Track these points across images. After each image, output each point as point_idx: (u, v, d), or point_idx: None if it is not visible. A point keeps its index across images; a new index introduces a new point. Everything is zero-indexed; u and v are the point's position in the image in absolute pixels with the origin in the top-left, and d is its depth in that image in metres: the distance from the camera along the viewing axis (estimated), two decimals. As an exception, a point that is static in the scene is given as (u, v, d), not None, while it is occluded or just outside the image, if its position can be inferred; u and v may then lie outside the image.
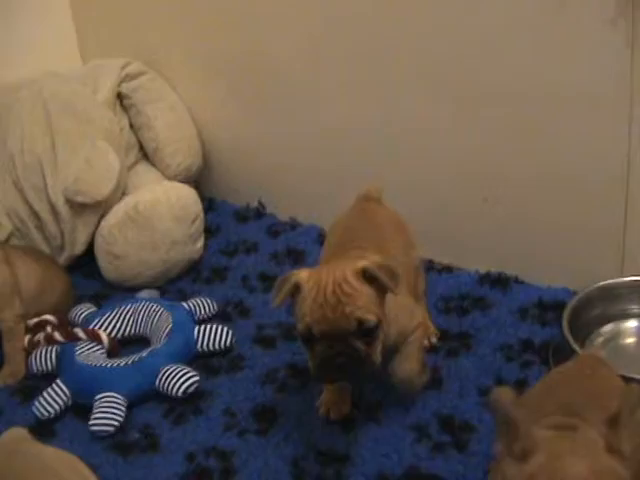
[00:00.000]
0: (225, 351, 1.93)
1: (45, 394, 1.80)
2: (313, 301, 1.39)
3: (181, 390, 1.75)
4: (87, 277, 2.37)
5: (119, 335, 2.00)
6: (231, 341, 1.92)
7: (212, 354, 1.92)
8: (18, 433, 1.46)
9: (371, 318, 1.40)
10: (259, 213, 2.59)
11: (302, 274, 1.45)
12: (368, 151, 2.25)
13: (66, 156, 2.29)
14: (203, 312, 2.03)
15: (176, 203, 2.23)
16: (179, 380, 1.76)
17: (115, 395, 1.74)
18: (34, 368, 1.93)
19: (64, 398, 1.80)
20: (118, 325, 2.01)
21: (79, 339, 1.92)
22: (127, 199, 2.26)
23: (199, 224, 2.30)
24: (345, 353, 1.39)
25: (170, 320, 1.92)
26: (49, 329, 1.98)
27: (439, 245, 2.20)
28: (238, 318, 2.07)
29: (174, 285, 2.26)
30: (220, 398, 1.80)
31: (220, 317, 2.05)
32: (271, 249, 2.38)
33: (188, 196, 2.28)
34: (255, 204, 2.62)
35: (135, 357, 1.83)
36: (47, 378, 1.92)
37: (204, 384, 1.81)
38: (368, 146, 2.25)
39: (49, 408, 1.78)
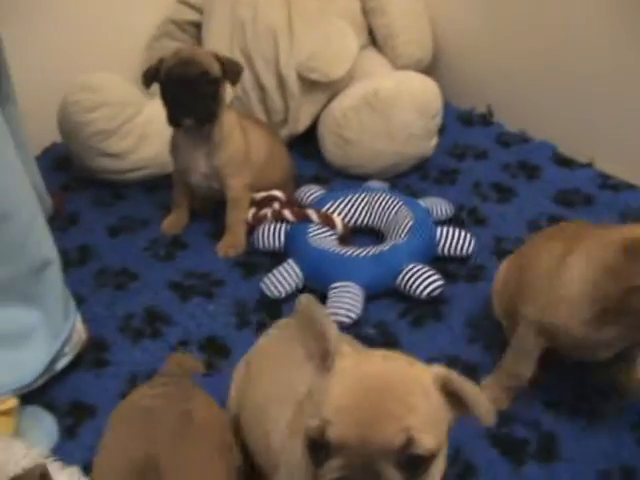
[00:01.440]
0: (464, 258, 1.78)
1: (276, 273, 1.71)
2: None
3: (425, 292, 1.63)
4: (305, 157, 2.26)
5: (350, 223, 1.87)
6: (473, 249, 1.77)
7: (450, 259, 1.78)
8: None
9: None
10: (485, 120, 2.42)
11: None
12: (611, 76, 2.06)
13: (304, 31, 2.16)
14: (439, 213, 1.88)
15: (419, 95, 2.07)
16: (424, 281, 1.64)
17: (353, 286, 1.64)
18: (260, 244, 1.84)
19: (296, 280, 1.70)
20: (351, 213, 1.89)
21: (310, 221, 1.81)
22: (367, 83, 2.11)
23: (438, 121, 2.14)
24: None
25: (411, 217, 1.78)
26: (277, 205, 1.88)
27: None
28: (473, 225, 1.93)
29: (401, 180, 2.13)
30: (460, 306, 1.68)
31: (454, 221, 1.90)
32: (502, 159, 2.22)
33: (432, 90, 2.12)
34: (480, 109, 2.44)
35: (375, 249, 1.71)
36: (270, 255, 1.84)
37: (443, 289, 1.67)
38: (612, 71, 2.05)
39: (280, 287, 1.68)
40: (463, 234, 1.77)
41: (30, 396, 1.51)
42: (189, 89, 1.73)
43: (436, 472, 0.84)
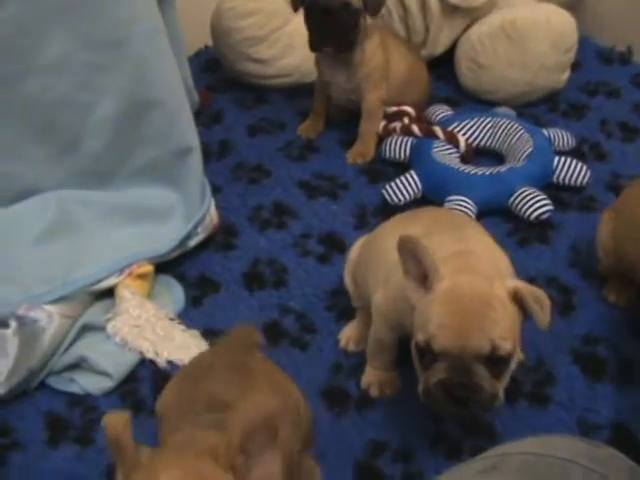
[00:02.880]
0: (578, 189, 1.85)
1: (397, 181, 1.83)
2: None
3: (534, 214, 1.71)
4: (440, 79, 2.34)
5: (474, 144, 1.96)
6: (588, 180, 1.83)
7: (564, 188, 1.85)
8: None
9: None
10: (624, 59, 2.42)
11: None
12: None
13: (450, -47, 2.21)
14: (560, 144, 1.94)
15: (555, 28, 2.11)
16: (535, 204, 1.72)
17: (467, 200, 1.74)
18: (386, 154, 1.96)
19: (415, 190, 1.82)
20: (475, 134, 1.97)
21: (436, 137, 1.91)
22: (505, 11, 2.17)
23: (571, 55, 2.18)
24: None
25: (531, 143, 1.86)
26: (406, 120, 1.99)
27: None
28: (593, 160, 1.98)
29: (529, 109, 2.18)
30: (567, 233, 1.75)
31: (574, 154, 1.96)
32: (634, 99, 2.23)
33: (568, 23, 2.14)
34: (621, 48, 2.44)
35: (493, 169, 1.81)
36: (395, 166, 1.96)
37: (552, 215, 1.75)
38: None
39: (399, 195, 1.80)
40: (580, 165, 1.83)
41: (164, 267, 1.69)
42: (330, 19, 1.84)
43: (513, 364, 1.12)
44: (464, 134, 1.95)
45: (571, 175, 1.82)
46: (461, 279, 1.11)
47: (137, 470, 0.81)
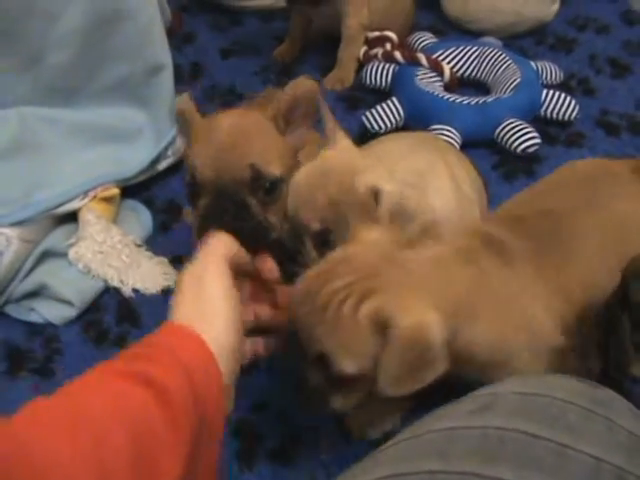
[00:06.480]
0: (566, 123, 1.78)
1: (379, 108, 1.74)
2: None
3: (521, 147, 1.64)
4: (424, 7, 2.23)
5: (458, 73, 1.88)
6: (575, 115, 1.76)
7: (552, 122, 1.78)
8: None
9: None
10: (613, -5, 2.33)
11: None
12: None
13: None
14: (548, 78, 1.87)
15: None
16: (522, 137, 1.65)
17: (451, 130, 1.66)
18: (367, 80, 1.87)
19: (397, 117, 1.74)
20: (461, 63, 1.89)
21: (420, 64, 1.82)
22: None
23: (560, -14, 2.09)
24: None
25: (518, 75, 1.78)
26: (388, 46, 1.90)
27: None
28: (581, 95, 1.90)
29: (516, 41, 2.09)
30: (554, 167, 1.64)
31: (562, 88, 1.88)
32: (624, 36, 2.15)
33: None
34: (610, -16, 2.36)
35: (479, 99, 1.73)
36: (375, 93, 1.87)
37: (539, 149, 1.68)
38: None
39: (380, 123, 1.72)
40: (568, 99, 1.76)
41: (131, 191, 1.60)
42: None
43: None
44: (449, 63, 1.86)
45: (559, 109, 1.75)
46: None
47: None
